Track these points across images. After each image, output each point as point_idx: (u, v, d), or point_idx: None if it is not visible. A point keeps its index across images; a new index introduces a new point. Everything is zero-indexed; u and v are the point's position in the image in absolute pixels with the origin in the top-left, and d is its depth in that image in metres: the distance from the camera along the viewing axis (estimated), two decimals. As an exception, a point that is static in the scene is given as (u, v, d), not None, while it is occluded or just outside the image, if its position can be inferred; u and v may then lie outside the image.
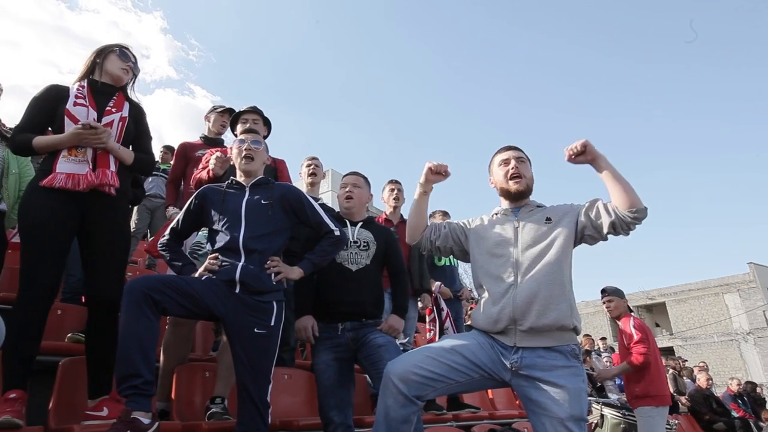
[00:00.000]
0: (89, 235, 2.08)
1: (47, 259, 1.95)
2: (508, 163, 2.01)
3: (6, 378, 1.85)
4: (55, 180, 1.98)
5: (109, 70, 2.24)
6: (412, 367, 1.74)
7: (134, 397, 1.65)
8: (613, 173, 1.80)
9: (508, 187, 1.99)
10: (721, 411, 7.50)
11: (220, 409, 2.37)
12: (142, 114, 2.35)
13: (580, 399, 1.68)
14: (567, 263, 1.84)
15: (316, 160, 3.71)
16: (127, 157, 2.17)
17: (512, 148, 2.07)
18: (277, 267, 2.07)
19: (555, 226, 1.87)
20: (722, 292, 25.31)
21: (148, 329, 1.71)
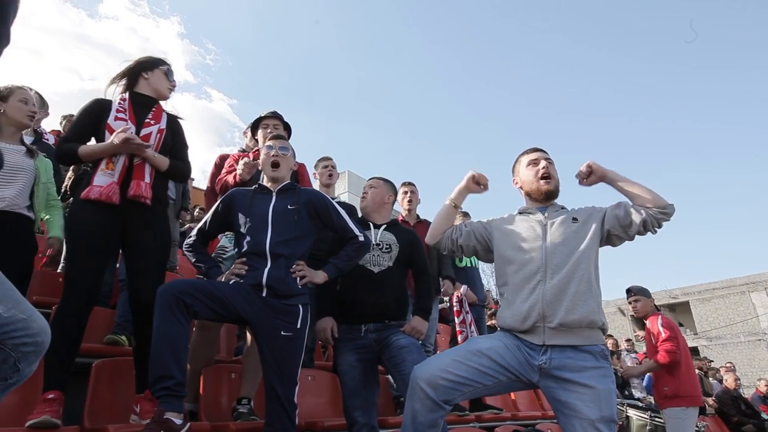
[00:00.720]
0: (129, 242, 2.18)
1: (87, 267, 2.04)
2: (537, 163, 2.02)
3: (46, 379, 1.91)
4: (91, 192, 2.08)
5: (155, 86, 2.35)
6: (440, 371, 1.74)
7: (167, 398, 1.69)
8: (627, 182, 1.87)
9: (538, 187, 2.00)
10: (750, 413, 7.31)
11: (247, 410, 2.41)
12: (179, 125, 2.45)
13: (610, 400, 1.67)
14: (594, 262, 1.85)
15: (330, 161, 3.73)
16: (162, 164, 2.25)
17: (539, 149, 2.08)
18: (303, 271, 2.10)
19: (582, 225, 1.88)
20: (749, 291, 24.64)
21: (180, 332, 1.76)
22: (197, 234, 2.24)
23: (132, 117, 2.21)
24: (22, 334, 0.98)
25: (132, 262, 2.19)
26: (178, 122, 2.44)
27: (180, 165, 2.35)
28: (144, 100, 2.31)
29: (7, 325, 0.96)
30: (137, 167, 2.17)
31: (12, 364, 0.99)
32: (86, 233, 2.06)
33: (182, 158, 2.39)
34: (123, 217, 2.14)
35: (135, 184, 2.13)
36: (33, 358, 1.03)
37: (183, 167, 2.38)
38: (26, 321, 0.99)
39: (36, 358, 1.04)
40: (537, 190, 2.01)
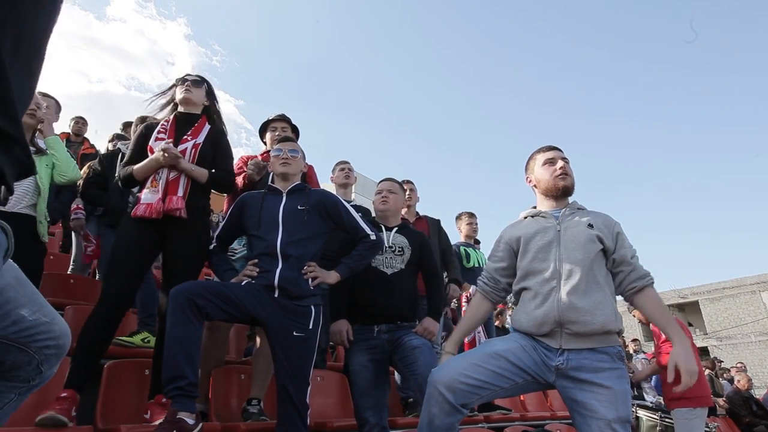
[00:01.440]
0: (167, 254, 2.29)
1: (122, 277, 2.14)
2: (554, 162, 2.01)
3: (67, 378, 1.96)
4: (138, 210, 2.20)
5: (178, 100, 2.49)
6: (459, 375, 1.73)
7: (179, 398, 1.71)
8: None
9: (555, 184, 1.98)
10: (762, 414, 7.23)
11: (257, 410, 2.43)
12: (222, 135, 2.51)
13: (626, 401, 1.67)
14: (604, 269, 1.84)
15: (348, 164, 3.85)
16: (200, 176, 2.34)
17: (554, 148, 2.07)
18: (315, 272, 2.11)
19: (596, 233, 1.85)
20: (759, 290, 24.36)
21: (192, 333, 1.77)
22: (216, 242, 2.31)
23: (171, 135, 2.36)
24: (45, 337, 1.00)
25: (167, 269, 2.29)
26: (221, 134, 2.51)
27: (220, 175, 2.42)
28: (186, 117, 2.46)
29: (32, 328, 0.98)
30: (172, 182, 2.26)
31: (35, 367, 1.00)
32: (127, 247, 2.19)
33: (225, 168, 2.46)
34: (162, 230, 2.25)
35: (168, 199, 2.23)
36: (54, 361, 1.04)
37: (224, 177, 2.44)
38: (49, 324, 1.01)
39: (57, 361, 1.05)
40: (554, 187, 1.99)
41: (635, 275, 1.82)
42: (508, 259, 2.02)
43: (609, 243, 1.85)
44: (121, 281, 2.14)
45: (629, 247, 1.87)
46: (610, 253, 1.85)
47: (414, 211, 3.89)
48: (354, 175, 3.79)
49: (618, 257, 1.84)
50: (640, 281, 1.81)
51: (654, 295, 1.82)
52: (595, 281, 1.78)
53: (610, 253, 1.85)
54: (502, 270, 2.03)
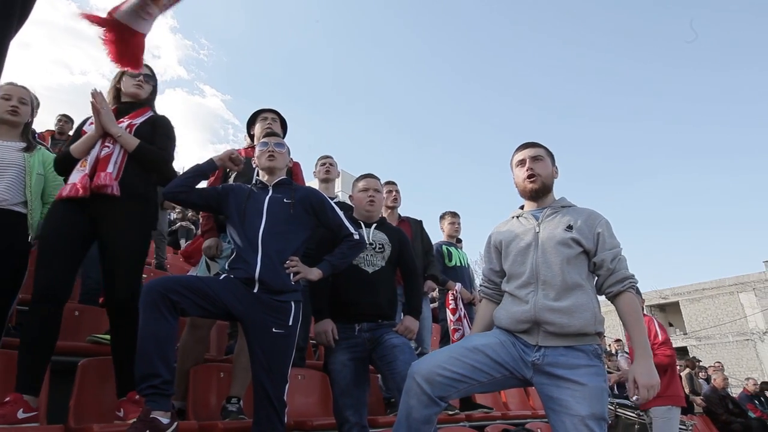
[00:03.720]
0: (101, 238, 2.12)
1: (49, 268, 1.99)
2: (524, 163, 2.00)
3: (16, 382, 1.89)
4: (63, 191, 2.08)
5: (125, 90, 2.38)
6: (437, 368, 1.74)
7: (153, 396, 1.67)
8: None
9: (524, 187, 1.99)
10: (738, 412, 7.40)
11: (236, 409, 2.40)
12: (164, 120, 2.40)
13: (601, 398, 1.67)
14: (586, 270, 1.83)
15: (330, 158, 3.80)
16: (128, 143, 2.17)
17: (528, 145, 2.05)
18: (296, 267, 2.09)
19: (576, 234, 1.84)
20: (737, 291, 24.93)
21: (166, 330, 1.74)
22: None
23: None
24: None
25: (105, 260, 2.11)
26: (164, 119, 2.40)
27: (151, 148, 2.23)
28: (127, 107, 2.35)
29: None
30: (103, 159, 2.11)
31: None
32: (55, 233, 2.04)
33: (161, 147, 2.30)
34: (93, 213, 2.08)
35: (97, 175, 2.07)
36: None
37: (157, 152, 2.25)
38: None
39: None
40: (523, 190, 2.01)
41: (613, 279, 1.80)
42: (498, 261, 2.03)
43: (589, 245, 1.82)
44: (51, 273, 1.97)
45: (610, 248, 1.82)
46: (591, 255, 1.84)
47: (397, 214, 3.88)
48: (336, 170, 3.77)
49: (597, 260, 1.82)
50: (617, 286, 1.79)
51: (629, 301, 1.79)
52: (575, 283, 1.77)
53: (591, 255, 1.84)
54: (495, 272, 2.05)
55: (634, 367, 1.71)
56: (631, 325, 1.77)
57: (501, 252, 2.01)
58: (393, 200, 3.82)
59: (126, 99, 2.38)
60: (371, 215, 2.57)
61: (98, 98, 2.14)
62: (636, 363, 1.71)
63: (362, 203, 2.57)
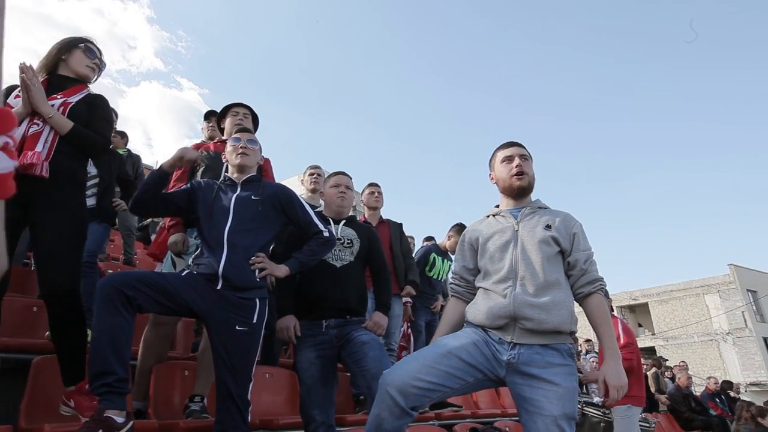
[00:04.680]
0: (31, 223, 1.95)
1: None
2: (512, 160, 1.99)
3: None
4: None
5: (73, 67, 2.16)
6: (412, 379, 1.69)
7: (108, 395, 1.61)
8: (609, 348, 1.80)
9: (511, 184, 1.98)
10: (700, 409, 7.64)
11: (199, 408, 2.34)
12: (102, 101, 2.22)
13: (573, 398, 1.68)
14: (563, 269, 1.84)
15: (319, 169, 3.86)
16: (60, 125, 1.99)
17: (514, 144, 2.05)
18: (263, 263, 2.05)
19: (554, 234, 1.85)
20: (703, 293, 25.78)
21: (122, 326, 1.68)
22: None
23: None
24: None
25: (37, 247, 1.96)
26: (102, 99, 2.22)
27: (87, 134, 2.07)
28: (62, 81, 2.12)
29: None
30: (30, 138, 1.93)
31: None
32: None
33: (95, 131, 2.12)
34: (21, 197, 1.86)
35: (24, 154, 1.88)
36: None
37: (92, 137, 2.09)
38: None
39: None
40: (510, 186, 1.99)
41: (584, 280, 1.82)
42: (472, 259, 2.02)
43: (565, 244, 1.85)
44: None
45: (584, 250, 1.85)
46: (567, 255, 1.85)
47: (378, 215, 3.90)
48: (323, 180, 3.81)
49: (572, 260, 1.84)
50: (587, 287, 1.81)
51: (599, 303, 1.81)
52: (554, 281, 1.78)
53: (566, 255, 1.85)
54: (468, 270, 2.03)
55: (604, 368, 1.73)
56: (600, 326, 1.79)
57: (476, 249, 2.00)
58: (375, 201, 3.85)
59: (66, 74, 2.15)
60: (342, 211, 2.55)
61: (28, 73, 1.91)
62: (605, 364, 1.74)
63: (333, 198, 2.55)
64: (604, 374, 1.72)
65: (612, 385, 1.69)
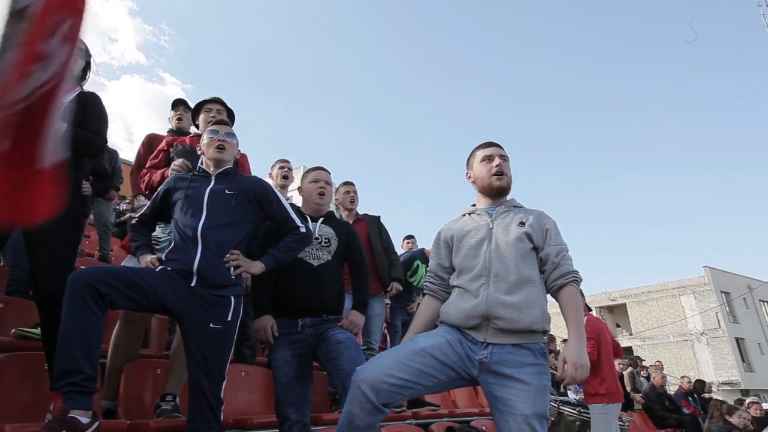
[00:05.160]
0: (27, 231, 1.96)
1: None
2: (492, 159, 2.01)
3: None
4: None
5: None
6: (384, 375, 1.69)
7: (73, 394, 1.57)
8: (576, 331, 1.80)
9: (490, 183, 1.99)
10: (673, 408, 7.81)
11: (171, 407, 2.30)
12: (94, 99, 2.24)
13: (544, 397, 1.70)
14: (537, 267, 1.86)
15: (288, 163, 3.83)
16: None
17: (494, 144, 2.07)
18: (238, 260, 2.03)
19: (527, 230, 1.87)
20: (679, 294, 26.39)
21: (92, 323, 1.63)
22: (139, 222, 2.20)
23: None
24: None
25: (30, 250, 1.98)
26: (93, 97, 2.24)
27: (82, 134, 2.07)
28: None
29: None
30: None
31: None
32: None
33: (91, 129, 2.15)
34: None
35: None
36: None
37: (87, 137, 2.10)
38: None
39: None
40: (489, 186, 2.00)
41: (557, 273, 1.83)
42: (447, 257, 2.02)
43: (538, 241, 1.86)
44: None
45: (556, 244, 1.87)
46: (540, 250, 1.87)
47: (354, 214, 3.87)
48: (293, 174, 3.82)
49: (543, 255, 1.85)
50: (560, 279, 1.82)
51: (571, 293, 1.82)
52: (527, 278, 1.79)
53: (539, 250, 1.87)
54: (444, 268, 2.04)
55: (566, 348, 1.75)
56: (569, 313, 1.80)
57: (451, 248, 2.00)
58: (351, 201, 3.81)
59: None
60: (321, 208, 2.51)
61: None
62: (568, 343, 1.76)
63: (312, 195, 2.50)
64: (565, 352, 1.74)
65: (571, 362, 1.70)
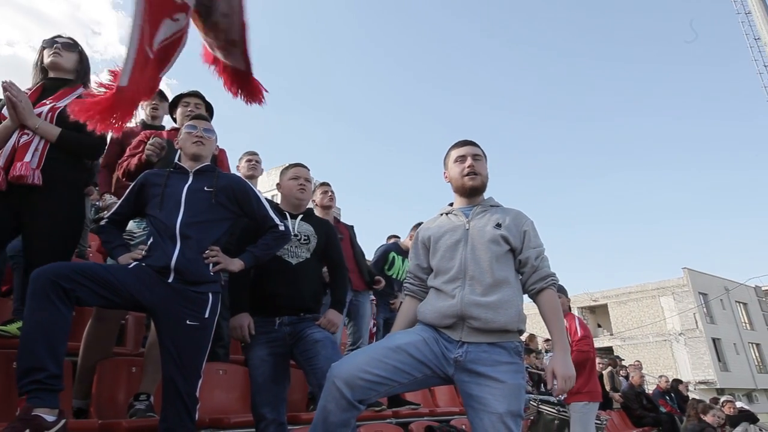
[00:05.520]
0: (23, 231, 2.04)
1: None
2: (464, 160, 2.00)
3: None
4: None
5: (45, 64, 2.26)
6: (359, 371, 1.69)
7: (37, 392, 1.52)
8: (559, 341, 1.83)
9: (463, 183, 1.99)
10: (650, 407, 7.96)
11: (145, 407, 2.25)
12: None
13: (518, 395, 1.70)
14: (513, 268, 1.86)
15: (256, 156, 3.80)
16: (48, 133, 2.06)
17: (469, 143, 2.06)
18: (217, 257, 2.00)
19: (504, 231, 1.87)
20: (659, 295, 26.91)
21: (56, 319, 1.58)
22: (108, 220, 2.12)
23: (32, 99, 2.13)
24: None
25: (27, 253, 2.04)
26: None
27: (76, 137, 2.11)
28: (55, 83, 2.24)
29: None
30: (20, 148, 2.01)
31: None
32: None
33: (90, 132, 2.12)
34: (14, 204, 1.99)
35: (13, 166, 1.97)
36: None
37: (82, 140, 2.14)
38: None
39: None
40: (462, 186, 2.00)
41: (536, 277, 1.84)
42: (426, 258, 2.02)
43: (516, 243, 1.86)
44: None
45: (535, 247, 1.87)
46: (517, 253, 1.87)
47: (332, 215, 3.87)
48: (261, 167, 3.80)
49: (522, 258, 1.86)
50: (539, 283, 1.84)
51: (550, 298, 1.84)
52: (502, 280, 1.79)
53: (517, 253, 1.87)
54: (422, 268, 2.04)
55: (553, 360, 1.78)
56: (551, 320, 1.83)
57: (429, 248, 2.00)
58: (329, 200, 3.82)
59: (53, 74, 2.25)
60: (301, 204, 2.50)
61: (12, 90, 2.01)
62: (554, 356, 1.78)
63: (292, 191, 2.48)
64: (553, 365, 1.76)
65: (560, 375, 1.73)
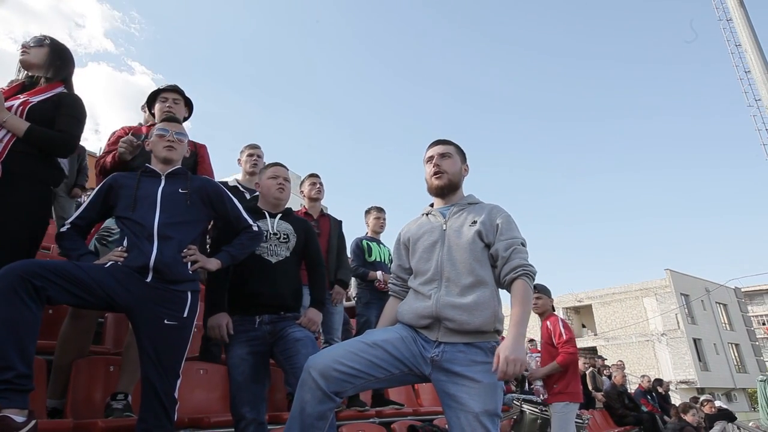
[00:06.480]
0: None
1: None
2: (431, 160, 2.01)
3: None
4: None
5: (19, 63, 2.26)
6: (334, 363, 1.70)
7: (6, 392, 1.48)
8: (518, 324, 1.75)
9: (431, 184, 2.01)
10: (632, 406, 8.07)
11: (122, 406, 2.22)
12: (71, 99, 2.21)
13: (495, 394, 1.70)
14: (490, 267, 1.85)
15: (258, 149, 3.70)
16: (15, 127, 1.99)
17: (438, 143, 2.06)
18: (195, 256, 2.00)
19: (479, 228, 1.86)
20: (642, 296, 27.31)
21: (25, 317, 1.54)
22: (69, 225, 2.02)
23: (7, 94, 2.13)
24: None
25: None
26: (71, 97, 2.22)
27: (44, 132, 2.05)
28: (32, 80, 2.24)
29: None
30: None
31: None
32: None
33: (61, 128, 2.12)
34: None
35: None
36: None
37: (51, 136, 2.08)
38: None
39: None
40: (431, 188, 2.02)
41: (507, 268, 1.79)
42: (407, 259, 2.03)
43: (489, 237, 1.85)
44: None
45: (506, 239, 1.82)
46: (491, 246, 1.85)
47: (319, 207, 3.84)
48: (264, 162, 3.67)
49: (493, 252, 1.83)
50: (511, 274, 1.78)
51: (521, 287, 1.75)
52: (480, 280, 1.79)
53: (491, 246, 1.86)
54: (404, 269, 2.05)
55: (503, 343, 1.69)
56: (515, 307, 1.74)
57: (409, 249, 2.01)
58: (317, 192, 3.79)
59: (32, 73, 2.23)
60: (279, 203, 2.49)
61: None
62: (505, 339, 1.70)
63: (271, 190, 2.47)
64: (500, 347, 1.66)
65: (503, 357, 1.61)
